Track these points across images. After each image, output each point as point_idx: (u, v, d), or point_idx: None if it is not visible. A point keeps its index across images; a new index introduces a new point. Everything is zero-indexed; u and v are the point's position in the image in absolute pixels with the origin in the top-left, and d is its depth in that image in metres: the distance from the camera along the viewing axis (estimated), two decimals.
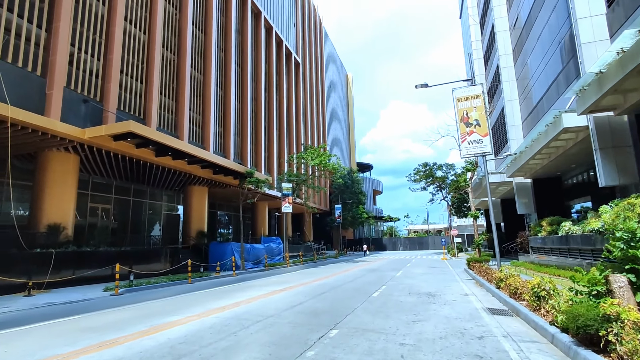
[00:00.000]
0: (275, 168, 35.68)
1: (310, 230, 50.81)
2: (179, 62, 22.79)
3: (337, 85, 70.84)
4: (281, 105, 39.32)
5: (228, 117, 27.74)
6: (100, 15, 17.30)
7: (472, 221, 19.58)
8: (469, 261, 18.42)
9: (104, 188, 22.93)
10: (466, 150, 12.66)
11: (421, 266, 23.24)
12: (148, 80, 19.89)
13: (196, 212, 26.70)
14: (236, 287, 13.76)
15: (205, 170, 23.33)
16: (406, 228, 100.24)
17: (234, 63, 29.71)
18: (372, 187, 75.28)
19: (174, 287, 14.60)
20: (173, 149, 18.25)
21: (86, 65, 16.39)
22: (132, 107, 19.06)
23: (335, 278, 15.91)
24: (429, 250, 58.02)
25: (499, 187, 25.67)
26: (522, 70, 21.90)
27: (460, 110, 12.75)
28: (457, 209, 49.92)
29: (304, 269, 23.60)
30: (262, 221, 37.47)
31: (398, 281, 14.26)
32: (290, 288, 12.42)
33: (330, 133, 60.35)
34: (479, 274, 14.97)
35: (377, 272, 19.11)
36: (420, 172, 43.83)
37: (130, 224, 24.82)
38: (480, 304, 8.81)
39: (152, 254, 19.69)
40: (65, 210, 16.74)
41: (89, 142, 15.90)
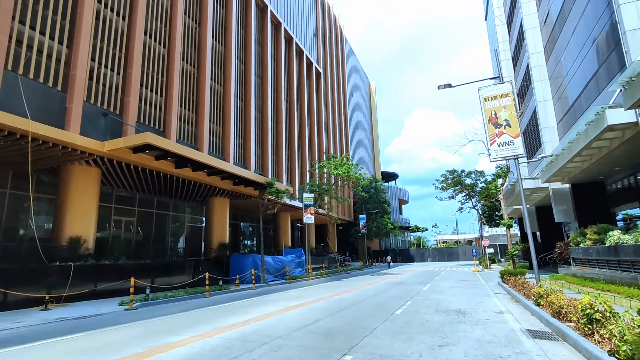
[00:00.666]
0: (297, 178, 35.27)
1: (334, 242, 49.86)
2: (199, 75, 22.94)
3: (360, 94, 70.30)
4: (302, 115, 39.10)
5: (248, 128, 27.66)
6: (120, 30, 17.60)
7: (505, 230, 18.21)
8: (503, 274, 17.04)
9: (127, 201, 23.18)
10: (496, 154, 11.60)
11: (450, 279, 21.86)
12: (168, 93, 20.03)
13: (218, 224, 26.54)
14: (252, 301, 13.16)
15: (225, 182, 23.15)
16: (434, 238, 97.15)
17: (254, 74, 29.77)
18: (398, 196, 73.52)
19: (190, 302, 14.19)
20: (191, 160, 18.11)
21: (106, 79, 16.60)
22: (152, 120, 19.17)
23: (357, 292, 15.02)
24: (459, 261, 55.55)
25: (533, 193, 24.00)
26: (555, 68, 20.51)
27: (487, 110, 11.75)
28: (488, 217, 47.59)
29: (326, 282, 22.77)
30: (284, 233, 37.00)
31: (424, 296, 13.21)
32: (307, 303, 11.68)
33: (353, 142, 59.62)
34: (514, 288, 13.69)
35: (402, 285, 18.03)
36: (447, 179, 42.14)
37: (154, 237, 24.91)
38: (518, 324, 7.75)
39: (172, 267, 19.51)
40: (86, 224, 16.82)
41: (109, 155, 15.98)
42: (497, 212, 46.98)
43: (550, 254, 26.88)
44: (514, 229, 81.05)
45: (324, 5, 49.89)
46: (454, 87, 12.52)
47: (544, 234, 29.17)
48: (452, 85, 12.46)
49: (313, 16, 45.47)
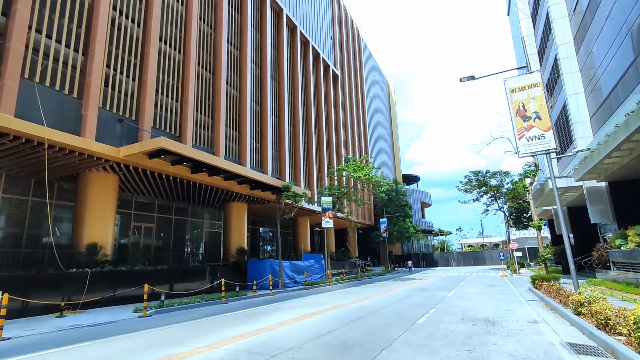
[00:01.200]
0: (315, 182, 34.81)
1: (354, 246, 48.98)
2: (215, 79, 22.91)
3: (379, 96, 69.43)
4: (320, 117, 38.71)
5: (265, 131, 27.46)
6: (135, 37, 17.71)
7: (536, 232, 17.06)
8: (535, 279, 15.90)
9: (146, 207, 23.32)
10: (525, 149, 10.70)
11: (477, 284, 20.74)
12: (183, 98, 20.03)
13: (236, 229, 26.37)
14: (267, 309, 12.69)
15: (242, 186, 22.93)
16: (459, 242, 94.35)
17: (270, 77, 29.63)
18: (420, 199, 71.87)
19: (205, 308, 13.86)
20: (206, 164, 17.94)
21: (122, 85, 16.69)
22: (168, 126, 19.17)
23: (377, 299, 14.30)
24: (486, 265, 53.49)
25: (564, 193, 22.55)
26: (587, 59, 19.23)
27: (515, 102, 10.88)
28: (516, 219, 45.67)
29: (345, 287, 22.08)
30: (303, 237, 36.53)
31: (449, 303, 12.37)
32: (323, 311, 11.09)
33: (373, 144, 58.74)
34: (548, 294, 12.64)
35: (425, 291, 17.15)
36: (471, 181, 40.66)
37: (173, 243, 24.96)
38: (556, 336, 6.92)
39: (189, 273, 19.34)
40: (104, 230, 16.87)
41: (125, 160, 15.98)
42: (524, 213, 44.97)
43: (586, 257, 25.20)
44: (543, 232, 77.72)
45: (340, 7, 49.58)
46: (477, 79, 11.72)
47: (578, 236, 27.44)
48: (475, 78, 11.66)
49: (329, 19, 45.20)
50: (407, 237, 47.77)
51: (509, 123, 11.12)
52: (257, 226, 35.05)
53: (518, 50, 37.85)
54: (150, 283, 16.42)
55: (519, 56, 37.79)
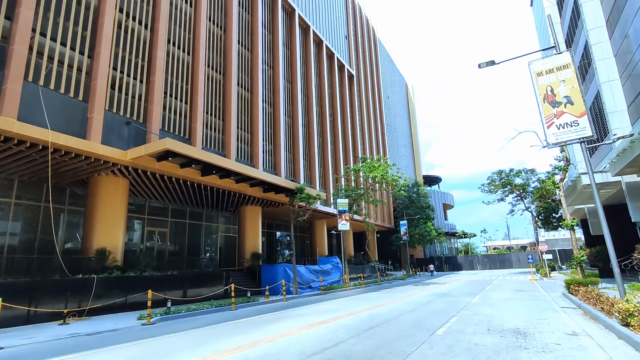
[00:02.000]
0: (330, 184, 33.99)
1: (374, 250, 47.75)
2: (225, 81, 22.55)
3: (396, 96, 68.06)
4: (335, 118, 37.93)
5: (277, 133, 26.92)
6: (142, 39, 17.49)
7: (569, 233, 15.65)
8: (569, 283, 14.50)
9: (160, 212, 23.13)
10: (555, 138, 9.54)
11: (504, 289, 19.34)
12: (193, 100, 19.71)
13: (250, 233, 25.85)
14: (275, 316, 11.94)
15: (254, 189, 22.40)
16: (484, 245, 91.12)
17: (282, 78, 29.14)
18: (442, 200, 69.74)
19: (212, 315, 13.26)
20: (216, 166, 17.47)
21: (129, 88, 16.47)
22: (177, 128, 18.87)
23: (394, 305, 13.30)
24: (513, 269, 51.04)
25: (600, 190, 20.81)
26: (622, 43, 17.67)
27: (542, 87, 9.76)
28: (544, 220, 43.21)
29: (363, 292, 21.10)
30: (320, 241, 35.72)
31: (473, 310, 11.26)
32: (333, 319, 10.23)
33: (391, 145, 57.41)
34: (586, 301, 11.34)
35: (447, 297, 15.98)
36: (495, 181, 38.77)
37: (187, 247, 24.67)
38: (603, 353, 5.83)
39: (201, 278, 18.86)
40: (114, 235, 16.62)
41: (133, 164, 15.68)
42: (554, 213, 42.55)
43: (625, 260, 23.25)
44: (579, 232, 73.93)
45: (354, 6, 48.83)
46: (498, 64, 10.64)
47: (615, 237, 25.29)
48: (495, 62, 10.59)
49: (344, 18, 44.50)
50: (429, 240, 46.12)
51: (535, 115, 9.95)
52: (274, 230, 34.50)
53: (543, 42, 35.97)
54: (160, 289, 16.06)
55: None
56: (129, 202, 21.59)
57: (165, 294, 16.23)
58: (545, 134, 9.76)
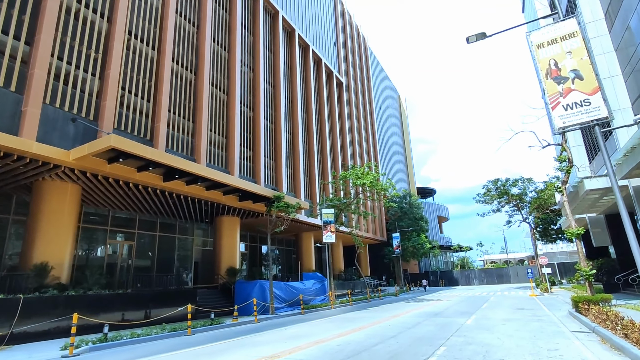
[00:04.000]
0: (317, 194, 32.06)
1: (366, 264, 45.57)
2: (197, 80, 20.87)
3: (389, 107, 66.93)
4: (323, 126, 36.26)
5: (257, 138, 25.10)
6: (97, 29, 15.84)
7: (574, 244, 13.79)
8: (577, 301, 12.58)
9: (125, 223, 21.07)
10: (562, 121, 7.77)
11: (503, 307, 17.34)
12: (156, 98, 17.96)
13: (226, 247, 23.74)
14: (228, 345, 9.88)
15: (228, 197, 20.45)
16: (480, 259, 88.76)
17: (263, 81, 27.56)
18: (437, 213, 67.90)
19: (159, 342, 11.15)
20: (178, 170, 15.56)
21: (77, 81, 14.70)
22: (137, 128, 17.09)
23: (374, 330, 11.26)
24: (511, 283, 48.89)
25: (602, 196, 19.09)
26: (623, 36, 16.27)
27: (543, 61, 8.07)
28: (543, 232, 41.40)
29: (348, 312, 18.99)
30: (307, 255, 33.61)
31: (467, 336, 9.28)
32: (289, 352, 8.20)
33: (384, 157, 55.80)
34: (601, 324, 9.42)
35: (438, 317, 13.95)
36: (490, 190, 37.08)
37: (157, 262, 22.51)
38: None
39: (164, 297, 16.71)
40: (59, 248, 14.53)
41: (80, 166, 13.75)
42: (552, 224, 40.80)
43: (632, 273, 21.42)
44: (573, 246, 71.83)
45: (344, 14, 47.89)
46: (489, 36, 8.95)
47: (620, 249, 23.66)
48: (486, 35, 8.91)
49: (332, 25, 43.43)
50: (423, 253, 44.03)
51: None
52: (257, 243, 32.32)
53: None
54: (107, 310, 13.91)
55: None
56: (91, 211, 19.68)
57: (116, 315, 14.11)
58: (549, 119, 8.01)
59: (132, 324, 13.91)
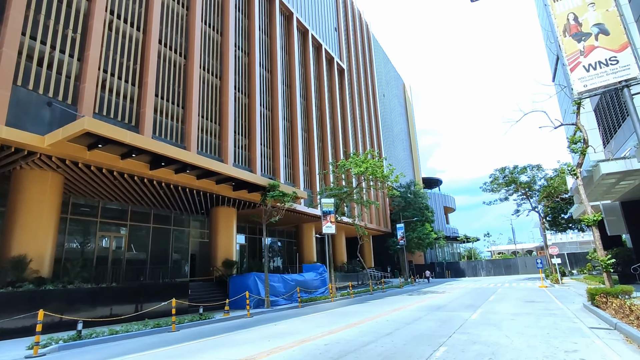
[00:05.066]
0: (317, 184, 31.05)
1: (370, 256, 44.64)
2: (187, 64, 19.86)
3: (393, 95, 65.35)
4: (323, 113, 35.08)
5: (253, 126, 24.01)
6: (76, 5, 14.86)
7: (592, 230, 12.64)
8: (594, 293, 11.52)
9: (116, 214, 20.32)
10: (583, 84, 6.63)
11: (511, 300, 16.31)
12: (142, 81, 17.00)
13: (223, 238, 22.94)
14: (207, 343, 9.02)
15: (221, 187, 19.55)
16: (488, 249, 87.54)
17: (260, 66, 26.46)
18: (442, 203, 66.57)
19: (139, 340, 10.34)
20: (165, 157, 14.64)
21: (53, 61, 13.81)
22: (121, 113, 16.16)
23: (369, 326, 10.32)
24: (519, 275, 47.69)
25: (620, 181, 17.83)
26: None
27: (560, 15, 6.89)
28: (552, 221, 40.09)
29: (347, 305, 18.11)
30: (308, 247, 32.75)
31: (471, 333, 8.29)
32: (267, 354, 7.28)
33: (388, 145, 54.48)
34: (624, 319, 8.38)
35: (441, 311, 12.97)
36: (498, 179, 35.76)
37: (151, 255, 21.79)
38: None
39: (154, 290, 15.91)
40: (40, 239, 13.77)
41: (58, 153, 12.90)
42: (562, 214, 39.44)
43: None
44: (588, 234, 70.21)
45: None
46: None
47: (637, 237, 22.43)
48: None
49: (333, 9, 41.93)
50: (428, 243, 42.96)
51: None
52: (257, 235, 31.50)
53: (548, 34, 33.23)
54: (88, 305, 13.15)
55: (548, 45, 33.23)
56: (80, 202, 18.92)
57: (99, 311, 13.36)
58: (567, 82, 6.86)
59: (113, 320, 13.15)
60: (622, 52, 6.34)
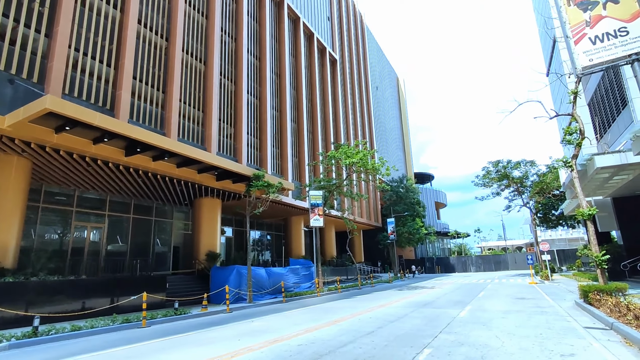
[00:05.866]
0: (307, 176, 30.29)
1: (360, 250, 44.16)
2: (169, 47, 18.89)
3: (386, 88, 64.61)
4: (314, 104, 34.23)
5: (240, 114, 23.09)
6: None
7: (587, 225, 12.11)
8: (587, 290, 11.01)
9: (94, 204, 19.37)
10: (588, 57, 5.94)
11: (501, 296, 15.81)
12: (119, 63, 16.01)
13: (206, 230, 22.15)
14: (173, 342, 8.28)
15: (204, 176, 18.73)
16: (478, 245, 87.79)
17: (247, 52, 25.51)
18: (434, 198, 66.31)
19: (103, 337, 9.57)
20: (140, 142, 13.76)
21: (17, 37, 12.80)
22: (94, 95, 15.14)
23: (351, 323, 9.67)
24: (509, 270, 47.63)
25: (613, 176, 17.42)
26: None
27: None
28: (543, 217, 39.92)
29: (332, 300, 17.50)
30: (297, 240, 32.07)
31: (458, 333, 7.67)
32: (231, 356, 6.57)
33: (380, 139, 53.83)
34: (621, 319, 7.83)
35: (429, 308, 12.39)
36: (490, 173, 35.34)
37: (131, 247, 20.91)
38: None
39: (124, 284, 15.07)
40: (2, 229, 12.85)
41: (21, 135, 11.96)
42: (553, 210, 39.29)
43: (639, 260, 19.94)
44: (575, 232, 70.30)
45: None
46: None
47: (628, 234, 22.15)
48: None
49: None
50: (419, 238, 42.53)
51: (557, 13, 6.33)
52: (244, 227, 30.67)
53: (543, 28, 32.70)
54: (54, 299, 12.28)
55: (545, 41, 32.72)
56: (54, 191, 17.94)
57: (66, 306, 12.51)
58: (570, 57, 6.18)
59: (81, 315, 12.33)
60: (633, 22, 5.65)
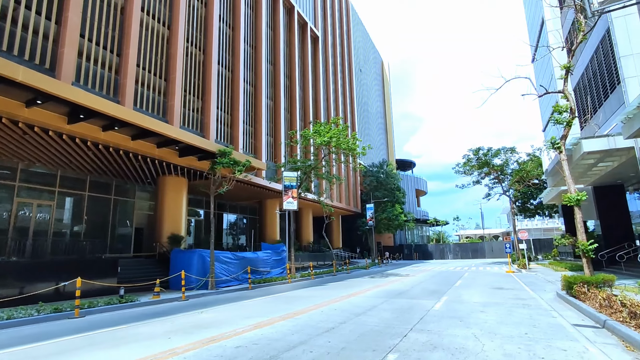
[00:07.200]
0: (283, 156, 28.79)
1: (338, 236, 43.28)
2: (126, 6, 16.79)
3: (370, 71, 63.03)
4: (293, 82, 32.49)
5: (208, 86, 21.21)
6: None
7: (575, 211, 11.22)
8: (571, 282, 10.12)
9: (43, 179, 17.43)
10: None
11: (479, 286, 14.98)
12: (62, 20, 13.94)
13: (170, 211, 20.59)
14: (93, 338, 6.89)
15: (163, 151, 17.08)
16: (456, 233, 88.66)
17: (220, 21, 23.48)
18: (415, 186, 65.89)
19: (16, 330, 8.07)
20: (79, 106, 11.99)
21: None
22: (36, 54, 13.21)
23: (311, 317, 8.46)
24: (486, 259, 47.85)
25: (598, 162, 16.68)
26: None
27: None
28: (521, 206, 39.86)
29: (302, 288, 16.34)
30: (271, 224, 30.79)
31: (432, 332, 6.54)
32: (167, 354, 5.24)
33: (362, 122, 52.54)
34: (613, 315, 6.88)
35: (401, 298, 11.33)
36: (471, 160, 34.64)
37: (86, 227, 19.14)
38: None
39: (65, 267, 13.45)
40: None
41: None
42: (532, 199, 39.23)
43: (619, 250, 19.55)
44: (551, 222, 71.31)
45: None
46: None
47: (606, 224, 21.78)
48: None
49: None
50: (398, 225, 41.90)
51: None
52: (217, 210, 29.16)
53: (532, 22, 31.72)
54: None
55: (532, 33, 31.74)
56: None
57: None
58: None
59: (14, 301, 10.70)
60: None
